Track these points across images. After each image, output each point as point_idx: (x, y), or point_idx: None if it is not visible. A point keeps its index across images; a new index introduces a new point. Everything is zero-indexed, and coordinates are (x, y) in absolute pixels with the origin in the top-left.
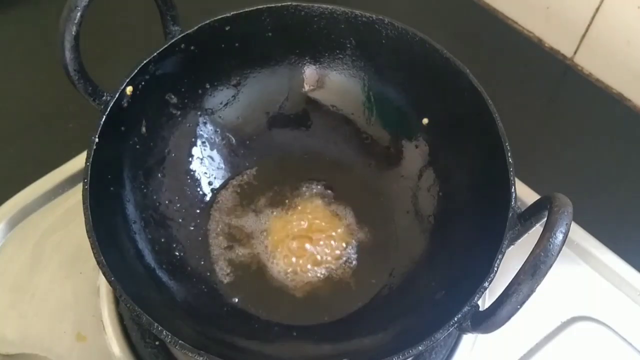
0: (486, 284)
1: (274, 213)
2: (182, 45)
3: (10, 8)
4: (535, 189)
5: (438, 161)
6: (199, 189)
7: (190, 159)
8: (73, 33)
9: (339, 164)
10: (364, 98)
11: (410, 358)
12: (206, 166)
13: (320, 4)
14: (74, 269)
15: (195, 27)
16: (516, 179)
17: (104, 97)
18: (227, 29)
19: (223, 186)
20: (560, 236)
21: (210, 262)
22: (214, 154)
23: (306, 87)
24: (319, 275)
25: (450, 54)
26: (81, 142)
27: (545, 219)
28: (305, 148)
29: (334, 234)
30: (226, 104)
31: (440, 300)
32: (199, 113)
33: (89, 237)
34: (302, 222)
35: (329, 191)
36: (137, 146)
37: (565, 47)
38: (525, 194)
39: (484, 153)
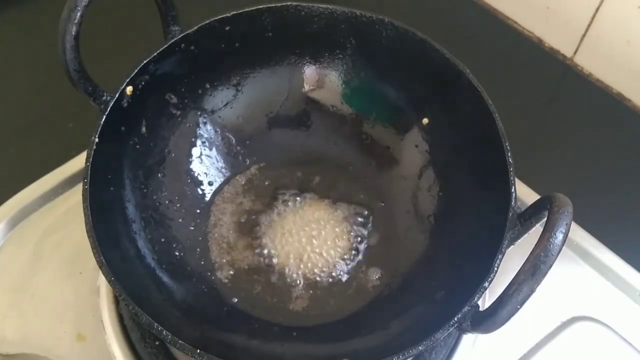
0: (486, 284)
1: (274, 213)
2: (182, 45)
3: (10, 8)
4: (535, 189)
5: (438, 161)
6: (199, 189)
7: (190, 159)
8: (73, 33)
9: (339, 164)
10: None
11: (410, 358)
12: (206, 166)
13: (320, 4)
14: (74, 269)
15: (195, 27)
16: (516, 179)
17: (104, 97)
18: (227, 29)
19: (223, 186)
20: (560, 236)
21: (210, 262)
22: (214, 154)
23: (306, 87)
24: (318, 275)
25: (450, 54)
26: (81, 142)
27: (545, 219)
28: (305, 148)
29: (333, 234)
30: (226, 104)
31: (440, 300)
32: (199, 113)
33: (89, 237)
34: (302, 222)
35: (329, 191)
36: (137, 146)
37: (565, 47)
38: (525, 194)
39: (484, 153)
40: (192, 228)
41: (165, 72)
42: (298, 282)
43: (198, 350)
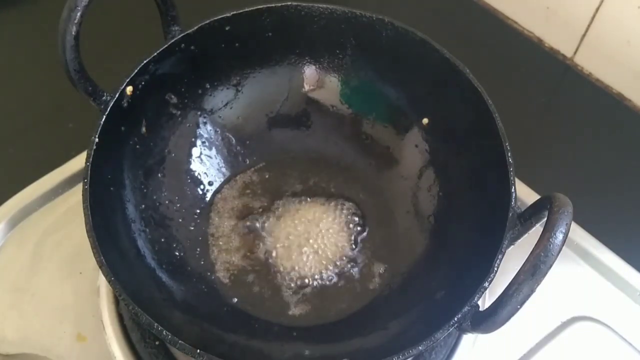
0: (486, 284)
1: (274, 213)
2: (182, 45)
3: (10, 8)
4: (535, 189)
5: (438, 161)
6: (199, 189)
7: (190, 159)
8: (73, 33)
9: (339, 164)
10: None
11: (410, 358)
12: (206, 166)
13: (320, 4)
14: (74, 269)
15: (195, 27)
16: (516, 179)
17: (104, 97)
18: (227, 29)
19: (223, 186)
20: (560, 236)
21: (210, 262)
22: (214, 154)
23: (306, 87)
24: (318, 275)
25: (450, 54)
26: (81, 142)
27: (545, 219)
28: (305, 148)
29: (333, 234)
30: (226, 104)
31: (440, 300)
32: (199, 113)
33: (89, 237)
34: (302, 222)
35: (329, 191)
36: (137, 146)
37: (565, 47)
38: (525, 194)
39: (484, 153)
40: (192, 228)
41: (165, 72)
42: (298, 282)
43: (198, 350)
